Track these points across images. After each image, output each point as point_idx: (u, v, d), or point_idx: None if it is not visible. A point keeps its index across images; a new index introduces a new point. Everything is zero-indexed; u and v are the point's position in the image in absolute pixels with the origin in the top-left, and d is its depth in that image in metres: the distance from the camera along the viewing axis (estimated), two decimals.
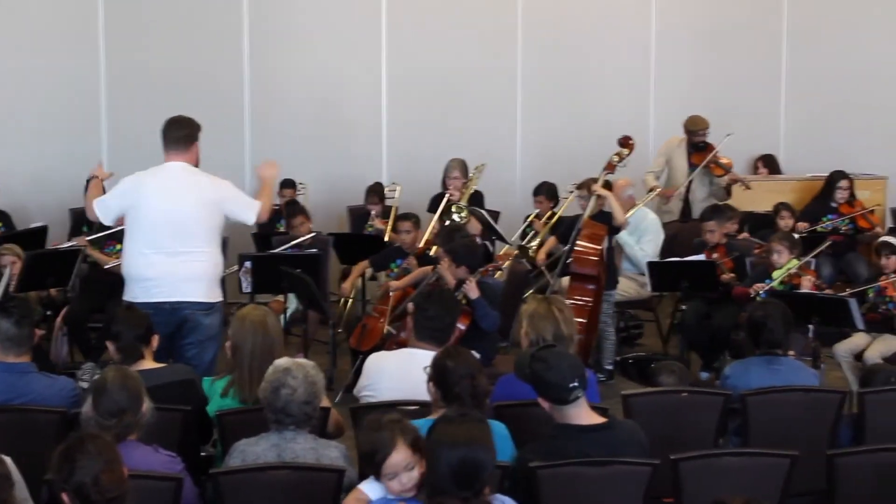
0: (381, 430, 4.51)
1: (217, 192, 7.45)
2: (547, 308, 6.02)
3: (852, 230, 11.09)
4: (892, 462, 5.32)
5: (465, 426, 4.38)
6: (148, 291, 7.15)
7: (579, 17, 12.94)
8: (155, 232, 7.28)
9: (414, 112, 12.73)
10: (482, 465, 4.28)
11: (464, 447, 4.27)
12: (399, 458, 4.47)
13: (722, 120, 12.05)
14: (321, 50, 12.53)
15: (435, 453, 4.30)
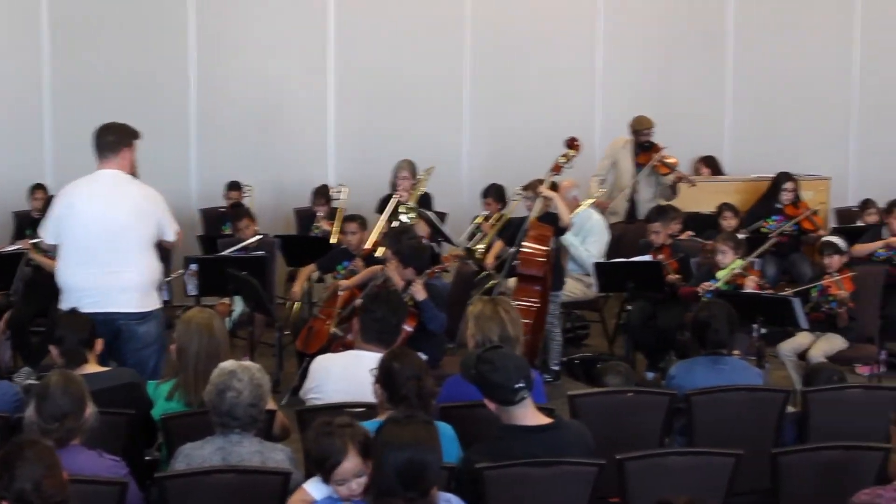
0: (332, 437, 4.49)
1: (149, 204, 7.36)
2: (493, 309, 6.02)
3: (796, 231, 11.18)
4: (835, 460, 5.36)
5: (412, 428, 4.38)
6: (80, 302, 7.04)
7: (526, 19, 12.97)
8: (87, 242, 7.18)
9: (361, 114, 12.71)
10: (428, 466, 4.29)
11: (410, 448, 4.27)
12: (349, 466, 4.46)
13: (667, 121, 12.13)
14: (267, 53, 12.48)
15: (382, 454, 4.30)
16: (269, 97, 12.54)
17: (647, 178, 11.78)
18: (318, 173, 12.39)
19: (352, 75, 12.67)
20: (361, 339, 6.25)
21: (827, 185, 12.47)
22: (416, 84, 12.78)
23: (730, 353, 6.78)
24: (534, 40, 12.96)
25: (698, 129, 13.22)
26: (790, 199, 11.25)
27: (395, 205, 10.49)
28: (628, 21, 13.18)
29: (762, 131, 13.41)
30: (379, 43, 12.70)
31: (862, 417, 6.22)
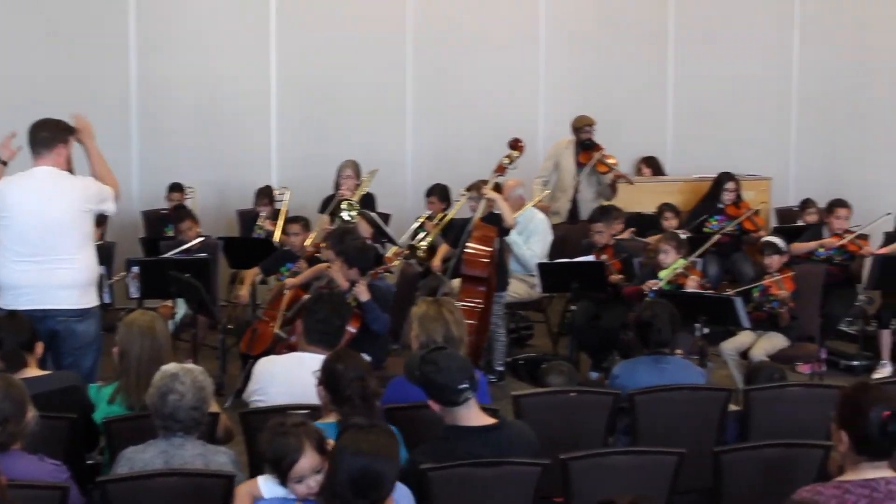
0: (287, 436, 4.48)
1: (84, 193, 7.27)
2: (437, 310, 6.02)
3: (738, 231, 11.27)
4: (776, 458, 5.40)
5: (373, 437, 4.33)
6: (17, 299, 6.96)
7: (468, 20, 12.99)
8: (24, 239, 7.09)
9: (304, 115, 12.68)
10: (383, 477, 4.25)
11: (367, 457, 4.24)
12: (307, 463, 4.46)
13: (609, 122, 12.18)
14: (210, 54, 12.42)
15: (338, 459, 4.27)
16: (211, 99, 12.47)
17: (589, 177, 11.84)
18: (261, 175, 12.35)
19: (294, 77, 12.63)
20: (305, 340, 6.24)
21: (768, 185, 12.58)
22: (359, 85, 12.76)
23: (672, 353, 6.82)
24: (477, 42, 12.98)
25: (641, 129, 13.30)
26: (732, 199, 11.33)
27: (338, 204, 10.47)
28: (570, 23, 13.23)
29: (704, 132, 13.50)
30: (321, 44, 12.66)
31: (803, 415, 6.28)
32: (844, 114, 13.75)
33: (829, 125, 13.75)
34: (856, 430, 4.33)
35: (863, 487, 4.30)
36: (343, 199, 10.53)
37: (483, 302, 9.32)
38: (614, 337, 9.55)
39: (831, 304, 10.01)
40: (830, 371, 10.06)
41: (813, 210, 11.77)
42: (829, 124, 13.75)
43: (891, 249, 10.21)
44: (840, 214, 10.38)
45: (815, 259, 10.24)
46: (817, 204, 11.77)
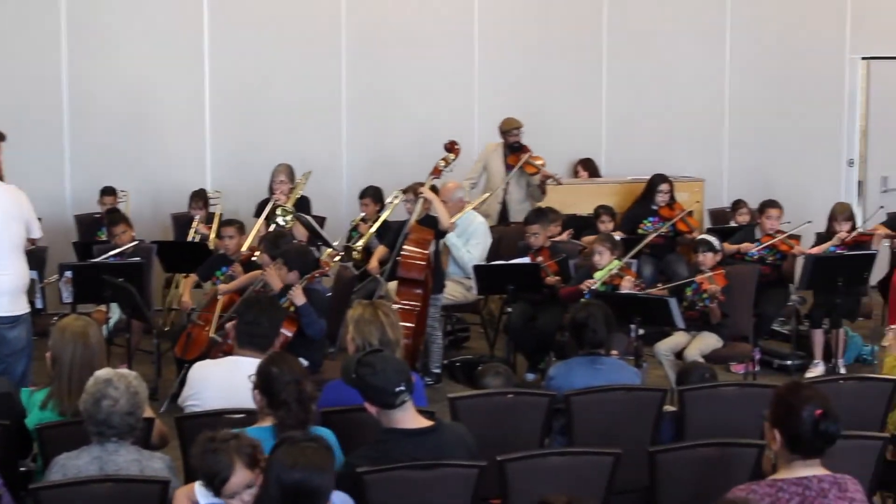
0: (218, 453, 4.46)
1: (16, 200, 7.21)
2: (373, 313, 6.01)
3: (672, 232, 11.36)
4: (711, 457, 5.44)
5: (309, 450, 4.31)
6: None
7: (402, 23, 12.97)
8: None
9: (238, 119, 12.60)
10: (318, 491, 4.25)
11: (301, 470, 4.22)
12: (238, 480, 4.45)
13: (545, 124, 12.24)
14: (142, 57, 12.31)
15: (272, 473, 4.26)
16: (144, 102, 12.36)
17: (518, 179, 11.89)
18: (196, 178, 12.25)
19: (228, 80, 12.55)
20: (238, 345, 6.21)
21: (701, 187, 12.67)
22: (293, 88, 12.71)
23: (608, 354, 6.85)
24: (411, 44, 12.96)
25: (576, 131, 13.35)
26: (665, 200, 11.42)
27: (273, 208, 10.43)
28: (504, 25, 13.25)
29: (638, 134, 13.58)
30: (255, 47, 12.59)
31: (737, 415, 6.32)
32: (775, 115, 13.89)
33: (760, 127, 13.88)
34: (789, 429, 4.37)
35: (796, 485, 4.34)
36: (278, 204, 10.50)
37: (420, 304, 9.33)
38: (550, 338, 9.59)
39: (764, 304, 10.11)
40: (764, 370, 10.16)
41: (745, 210, 11.88)
42: (760, 126, 13.88)
43: (822, 249, 10.32)
44: (771, 215, 10.49)
45: (747, 259, 10.33)
46: (749, 204, 11.89)
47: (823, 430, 4.33)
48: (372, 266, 10.05)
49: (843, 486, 4.37)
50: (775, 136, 13.90)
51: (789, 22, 13.82)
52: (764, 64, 13.83)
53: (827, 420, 4.34)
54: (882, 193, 13.87)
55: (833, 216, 10.56)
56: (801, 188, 13.44)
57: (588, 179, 12.85)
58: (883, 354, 7.87)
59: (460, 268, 10.40)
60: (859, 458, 5.52)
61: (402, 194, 10.29)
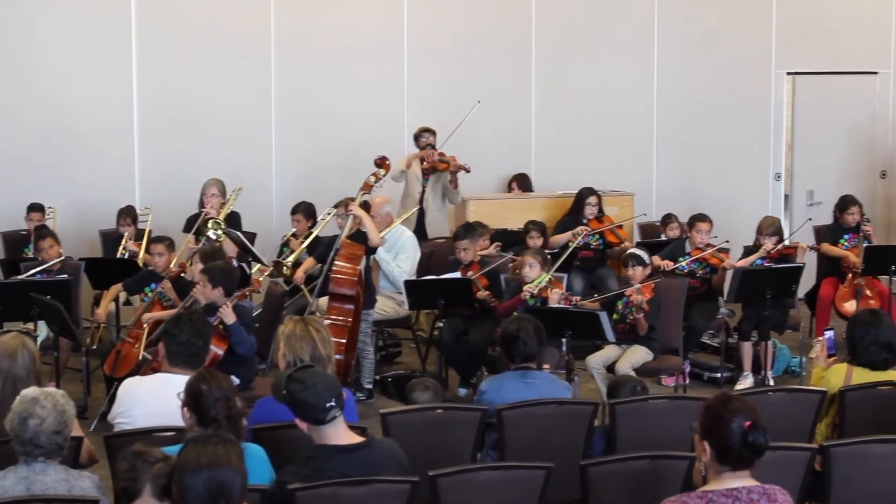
0: (136, 471, 4.49)
1: None
2: (304, 329, 5.99)
3: (602, 245, 11.42)
4: (642, 470, 5.47)
5: (210, 448, 4.35)
6: None
7: (332, 35, 12.93)
8: None
9: (166, 134, 12.50)
10: (228, 485, 4.27)
11: (207, 469, 4.26)
12: None
13: (477, 139, 12.24)
14: (70, 72, 12.20)
15: (182, 477, 4.28)
16: (71, 117, 12.24)
17: (434, 185, 11.93)
18: (124, 194, 12.14)
19: (156, 94, 12.45)
20: (168, 362, 6.16)
21: (631, 201, 12.74)
22: (222, 102, 12.62)
23: (539, 367, 6.88)
24: (340, 58, 12.93)
25: (507, 146, 13.37)
26: (593, 213, 11.51)
27: (204, 223, 10.38)
28: (434, 39, 13.25)
29: (568, 149, 13.61)
30: (183, 62, 12.50)
31: (667, 427, 6.37)
32: (703, 130, 14.01)
33: (688, 141, 13.98)
34: (718, 441, 4.40)
35: (725, 497, 4.37)
36: (209, 219, 10.44)
37: (351, 320, 9.31)
38: (482, 353, 9.61)
39: (694, 316, 10.19)
40: (694, 383, 10.23)
41: (674, 224, 11.97)
42: (688, 140, 13.98)
43: (748, 262, 10.42)
44: (701, 228, 10.58)
45: (678, 273, 10.41)
46: (678, 218, 11.99)
47: (752, 442, 4.36)
48: (298, 276, 10.04)
49: (772, 496, 4.41)
50: (704, 151, 14.02)
51: (716, 38, 13.94)
52: (692, 79, 13.95)
53: (756, 431, 4.37)
54: (808, 206, 14.03)
55: (760, 230, 10.67)
56: (730, 202, 13.56)
57: (519, 194, 12.88)
58: (811, 366, 7.96)
59: (391, 283, 10.39)
60: (788, 469, 5.58)
61: (334, 209, 10.27)
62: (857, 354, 6.79)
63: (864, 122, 14.42)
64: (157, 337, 8.25)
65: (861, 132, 14.40)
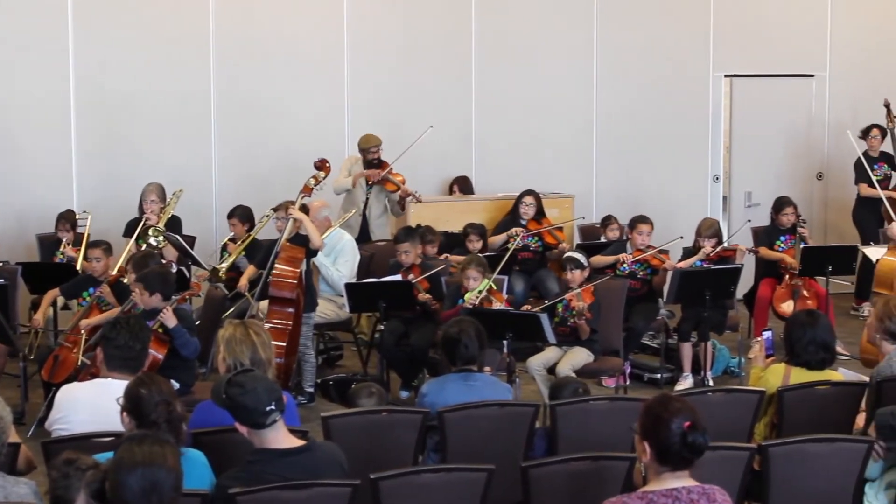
0: (69, 478, 4.47)
1: None
2: (243, 332, 5.97)
3: (541, 247, 11.46)
4: (583, 470, 5.49)
5: (147, 446, 4.36)
6: None
7: (272, 38, 12.87)
8: None
9: (104, 136, 12.38)
10: (162, 484, 4.28)
11: (143, 467, 4.28)
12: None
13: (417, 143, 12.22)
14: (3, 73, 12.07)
15: (117, 474, 4.29)
16: (6, 119, 12.11)
17: (377, 194, 11.93)
18: (62, 198, 12.01)
19: (94, 96, 12.33)
20: (106, 367, 6.11)
21: (571, 203, 12.79)
22: (161, 104, 12.51)
23: (480, 370, 6.89)
24: (280, 61, 12.87)
25: (449, 149, 13.36)
26: (530, 213, 11.54)
27: (144, 227, 10.32)
28: (374, 42, 13.21)
29: (509, 151, 13.63)
30: (122, 62, 12.38)
31: (608, 428, 6.41)
32: (642, 132, 14.06)
33: (628, 144, 14.03)
34: (658, 441, 4.42)
35: (665, 497, 4.39)
36: (149, 224, 10.38)
37: (292, 323, 9.29)
38: (423, 355, 9.61)
39: (634, 318, 10.25)
40: (634, 384, 10.29)
41: (615, 226, 12.04)
42: (628, 143, 14.04)
43: (688, 264, 10.49)
44: (642, 230, 10.63)
45: (618, 274, 10.46)
46: (618, 220, 12.05)
47: (692, 442, 4.39)
48: (241, 284, 10.02)
49: (711, 496, 4.44)
50: (643, 153, 14.08)
51: (655, 42, 14.01)
52: (631, 82, 14.01)
53: (695, 432, 4.40)
54: (746, 208, 14.14)
55: (699, 231, 10.75)
56: (670, 204, 13.64)
57: (459, 196, 12.90)
58: (749, 366, 8.03)
59: (331, 286, 10.38)
60: (727, 469, 5.62)
61: (273, 212, 10.25)
62: (795, 354, 6.85)
63: (801, 124, 14.55)
64: (95, 342, 8.19)
65: (798, 134, 14.54)
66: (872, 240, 12.29)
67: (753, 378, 7.16)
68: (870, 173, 12.36)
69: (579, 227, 12.79)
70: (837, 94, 14.52)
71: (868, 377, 6.95)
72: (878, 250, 10.49)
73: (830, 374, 6.91)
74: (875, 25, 14.63)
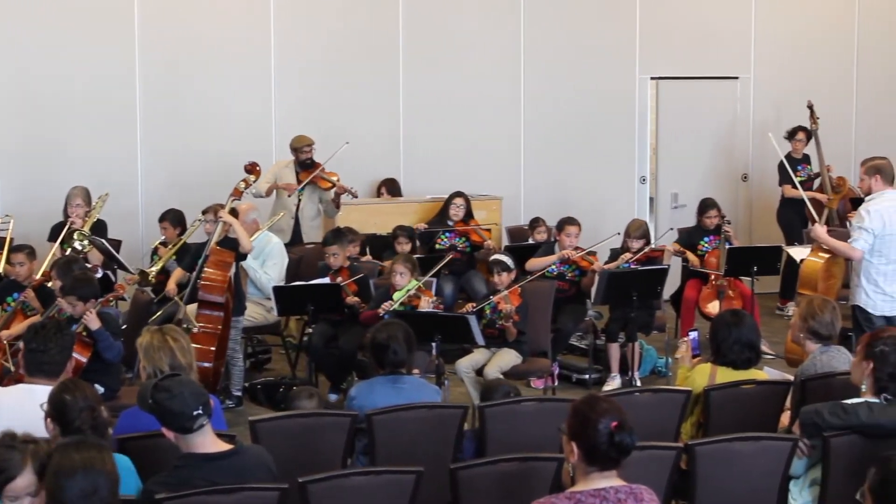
0: (13, 450, 4.45)
1: None
2: (161, 339, 5.95)
3: (468, 248, 11.49)
4: (512, 472, 5.51)
5: (85, 451, 4.35)
6: None
7: (199, 39, 12.77)
8: None
9: (26, 138, 12.23)
10: (100, 488, 4.28)
11: (83, 471, 4.27)
12: (23, 483, 4.40)
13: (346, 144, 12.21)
14: None
15: (52, 482, 4.28)
16: None
17: (310, 195, 11.91)
18: None
19: (14, 97, 12.17)
20: (27, 373, 6.05)
21: (499, 205, 12.84)
22: (84, 107, 12.37)
23: (409, 372, 6.89)
24: (208, 63, 12.78)
25: (375, 150, 13.35)
26: (459, 215, 11.60)
27: (69, 231, 10.22)
28: (302, 44, 13.16)
29: (437, 153, 13.64)
30: (43, 64, 12.23)
31: (537, 429, 6.43)
32: (570, 134, 14.12)
33: (556, 146, 14.09)
34: (585, 442, 4.44)
35: (593, 497, 4.41)
36: (74, 228, 10.28)
37: (220, 327, 9.24)
38: (352, 358, 9.59)
39: (562, 319, 10.30)
40: (563, 385, 10.33)
41: (542, 228, 12.09)
42: (556, 145, 14.09)
43: (616, 264, 10.55)
44: (570, 232, 10.69)
45: (547, 276, 10.49)
46: (546, 222, 12.10)
47: (619, 442, 4.41)
48: (169, 287, 9.95)
49: (638, 495, 4.46)
50: (571, 155, 14.15)
51: (582, 44, 14.09)
52: (558, 84, 14.07)
53: (622, 432, 4.42)
54: (673, 209, 14.26)
55: (628, 233, 10.82)
56: (597, 205, 13.71)
57: (388, 199, 12.89)
58: (676, 366, 8.09)
59: (259, 289, 10.33)
60: (654, 468, 5.66)
61: (202, 215, 10.19)
62: (721, 354, 6.92)
63: (727, 126, 14.71)
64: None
65: (723, 136, 14.69)
66: (797, 240, 12.45)
67: (680, 378, 7.22)
68: (793, 175, 12.49)
69: (508, 230, 12.82)
70: (761, 97, 14.69)
71: (793, 376, 7.02)
72: (802, 251, 10.58)
73: (756, 373, 6.99)
74: (798, 28, 14.81)
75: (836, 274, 9.83)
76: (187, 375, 5.64)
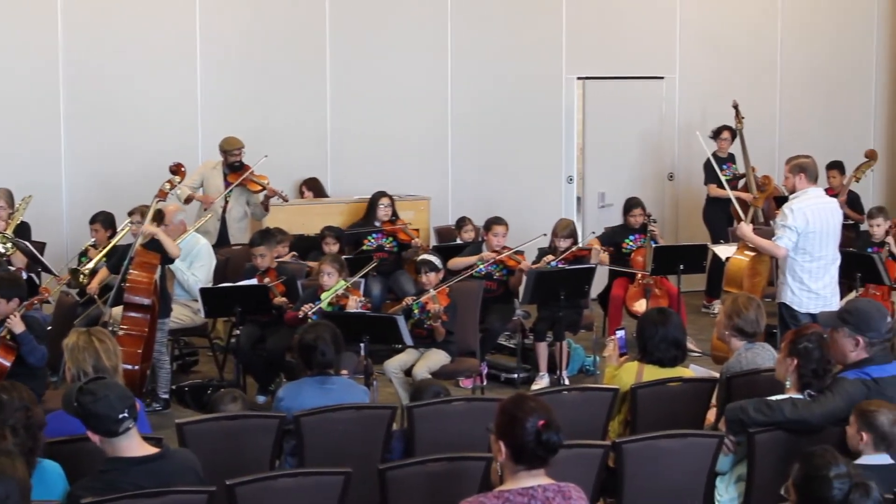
0: None
1: None
2: (87, 340, 5.90)
3: (395, 247, 11.50)
4: (440, 471, 5.53)
5: None
6: None
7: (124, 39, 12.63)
8: None
9: None
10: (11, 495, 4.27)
11: None
12: None
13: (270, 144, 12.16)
14: None
15: None
16: None
17: (237, 197, 11.85)
18: None
19: None
20: None
21: (427, 205, 12.85)
22: (6, 106, 12.18)
23: (337, 373, 6.89)
24: (132, 62, 12.64)
25: (301, 150, 13.30)
26: (387, 214, 11.61)
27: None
28: (227, 44, 13.07)
29: (363, 153, 13.61)
30: None
31: (465, 429, 6.44)
32: (497, 134, 14.15)
33: (483, 145, 14.11)
34: (513, 441, 4.46)
35: (521, 495, 4.43)
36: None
37: (146, 329, 9.15)
38: (280, 359, 9.55)
39: (490, 319, 10.32)
40: (491, 384, 10.34)
41: (469, 228, 12.12)
42: (483, 145, 14.11)
43: (543, 264, 10.59)
44: (497, 232, 10.72)
45: (476, 275, 10.51)
46: (474, 222, 12.12)
47: (546, 441, 4.43)
48: (91, 287, 9.86)
49: (566, 493, 4.48)
50: (498, 155, 14.17)
51: (508, 42, 14.12)
52: (485, 84, 14.09)
53: (549, 430, 4.44)
54: (600, 209, 14.34)
55: (556, 232, 10.86)
56: (525, 205, 13.74)
57: (316, 200, 12.84)
58: (604, 365, 8.15)
59: (186, 291, 10.26)
60: (582, 467, 5.70)
61: (129, 217, 10.10)
62: (648, 352, 6.98)
63: (653, 125, 14.81)
64: None
65: (650, 136, 14.79)
66: (722, 239, 12.56)
67: (608, 376, 7.27)
68: (719, 174, 12.62)
69: (435, 230, 12.83)
70: (687, 96, 14.82)
71: (718, 373, 7.09)
72: (727, 249, 10.69)
73: (682, 370, 7.06)
74: (722, 28, 14.95)
75: (762, 272, 9.95)
76: (112, 378, 5.62)
